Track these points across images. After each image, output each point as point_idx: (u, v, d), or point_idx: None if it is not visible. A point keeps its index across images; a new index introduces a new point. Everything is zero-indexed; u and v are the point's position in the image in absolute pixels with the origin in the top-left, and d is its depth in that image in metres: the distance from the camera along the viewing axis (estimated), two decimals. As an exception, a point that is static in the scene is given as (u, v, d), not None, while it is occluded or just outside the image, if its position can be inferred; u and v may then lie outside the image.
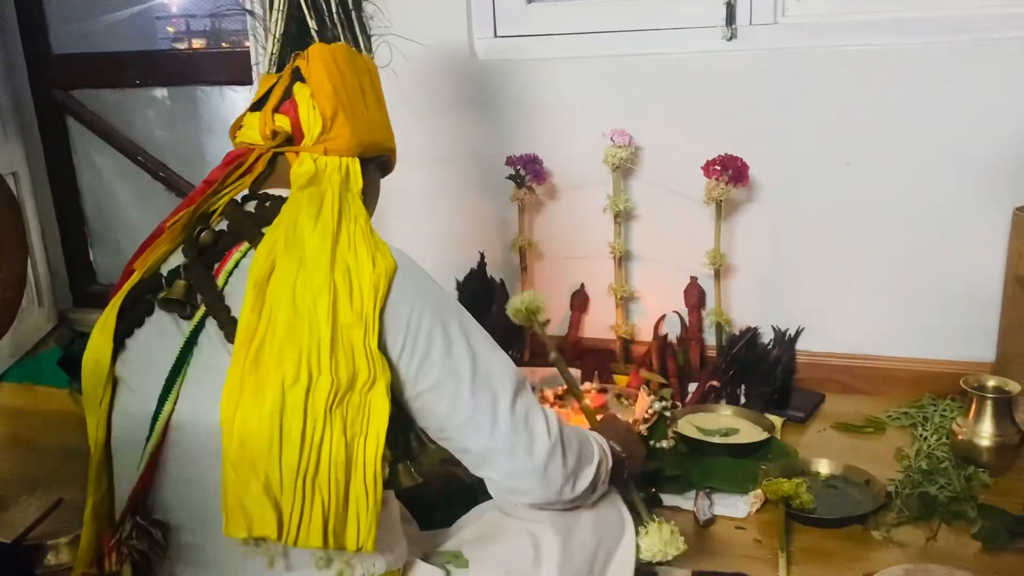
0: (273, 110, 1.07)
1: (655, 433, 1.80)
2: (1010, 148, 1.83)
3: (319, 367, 0.87)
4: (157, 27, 2.81)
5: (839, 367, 2.04)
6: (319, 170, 1.02)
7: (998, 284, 1.82)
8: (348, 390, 0.88)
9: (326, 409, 0.87)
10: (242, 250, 0.98)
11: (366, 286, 0.91)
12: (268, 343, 0.87)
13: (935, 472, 1.60)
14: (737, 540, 1.50)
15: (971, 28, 1.82)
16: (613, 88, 2.08)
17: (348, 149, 1.05)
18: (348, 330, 0.89)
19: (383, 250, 0.97)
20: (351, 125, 1.05)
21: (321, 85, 1.05)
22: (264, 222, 0.99)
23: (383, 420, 0.90)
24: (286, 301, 0.89)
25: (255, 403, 0.85)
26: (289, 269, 0.91)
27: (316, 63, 1.06)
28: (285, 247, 0.92)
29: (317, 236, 0.93)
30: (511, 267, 2.22)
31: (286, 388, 0.86)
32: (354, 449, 0.88)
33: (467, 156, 2.23)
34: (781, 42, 1.96)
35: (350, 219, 0.97)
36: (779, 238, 2.04)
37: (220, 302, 0.94)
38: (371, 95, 1.12)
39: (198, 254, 0.99)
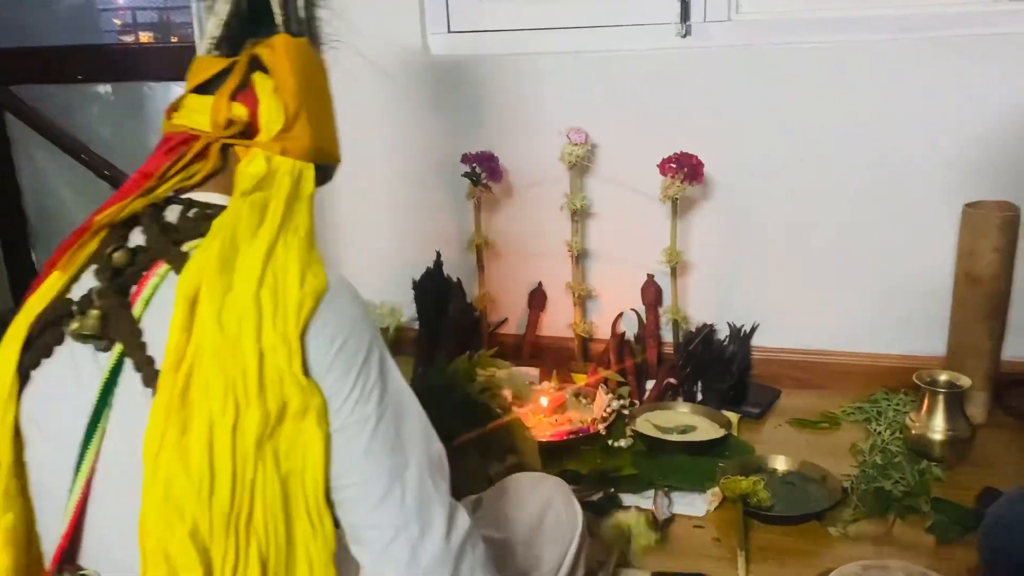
0: (230, 96, 0.96)
1: (613, 432, 1.80)
2: (960, 145, 1.86)
3: (247, 398, 0.78)
4: (102, 20, 2.73)
5: (794, 363, 2.06)
6: (271, 171, 0.93)
7: (948, 279, 1.85)
8: (279, 421, 0.80)
9: (256, 445, 0.78)
10: (160, 273, 0.87)
11: (291, 305, 0.82)
12: (196, 371, 0.79)
13: (889, 467, 1.62)
14: (696, 539, 1.50)
15: (923, 26, 1.84)
16: (569, 85, 2.07)
17: (305, 153, 0.96)
18: (273, 354, 0.80)
19: (316, 269, 0.87)
20: (312, 128, 0.97)
21: (286, 79, 0.96)
22: (184, 237, 0.89)
23: (319, 450, 0.81)
24: (213, 324, 0.80)
25: (182, 441, 0.77)
26: (218, 288, 0.82)
27: (282, 55, 0.97)
28: (218, 261, 0.83)
29: (252, 250, 0.85)
30: (468, 266, 2.20)
31: (214, 423, 0.77)
32: (291, 486, 0.80)
33: (422, 154, 2.20)
34: (735, 39, 1.96)
35: (291, 230, 0.89)
36: (734, 235, 2.05)
37: (136, 339, 0.83)
38: (328, 100, 1.05)
39: (112, 276, 0.88)
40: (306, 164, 0.96)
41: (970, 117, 1.84)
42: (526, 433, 1.65)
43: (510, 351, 2.21)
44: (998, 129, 1.83)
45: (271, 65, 0.96)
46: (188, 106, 0.98)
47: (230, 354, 0.79)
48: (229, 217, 0.87)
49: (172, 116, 0.99)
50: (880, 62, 1.87)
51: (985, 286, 1.76)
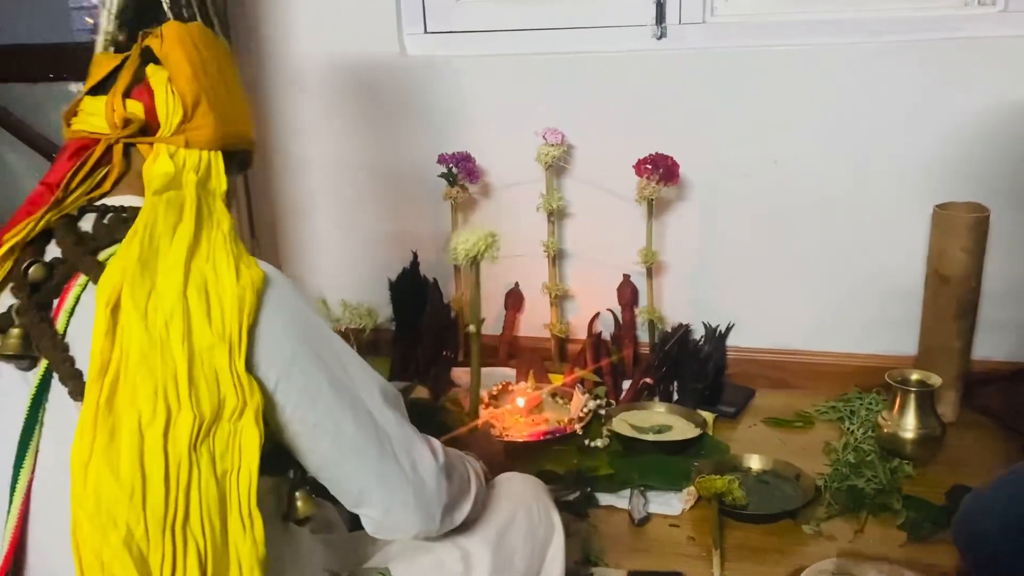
0: (123, 94, 0.93)
1: (590, 432, 1.81)
2: (931, 147, 1.88)
3: (178, 401, 0.77)
4: (73, 18, 2.70)
5: (769, 362, 2.07)
6: (177, 168, 0.90)
7: (920, 280, 1.87)
8: (214, 421, 0.79)
9: (190, 447, 0.77)
10: (80, 283, 0.85)
11: (228, 300, 0.81)
12: (123, 376, 0.77)
13: (862, 465, 1.64)
14: (672, 538, 1.51)
15: (894, 29, 1.87)
16: (545, 86, 2.07)
17: (211, 141, 0.94)
18: (208, 353, 0.79)
19: (247, 260, 0.86)
20: (215, 113, 0.94)
21: (180, 67, 0.93)
22: (100, 245, 0.88)
23: (255, 449, 0.80)
24: (138, 327, 0.78)
25: (111, 447, 0.75)
26: (141, 290, 0.79)
27: (172, 43, 0.94)
28: (138, 263, 0.81)
29: (173, 250, 0.83)
30: (444, 266, 2.19)
31: (143, 427, 0.76)
32: (226, 486, 0.79)
33: (398, 154, 2.20)
34: (710, 41, 1.98)
35: (212, 225, 0.87)
36: (709, 236, 2.06)
37: (62, 353, 0.82)
38: (231, 80, 1.00)
39: (31, 292, 0.86)
40: (214, 153, 0.95)
41: (940, 119, 1.87)
42: (490, 440, 1.64)
43: (487, 351, 2.21)
44: (968, 131, 1.86)
45: (162, 55, 0.94)
46: (85, 109, 0.96)
47: (158, 357, 0.78)
48: (146, 217, 0.85)
49: (71, 122, 0.97)
50: (852, 65, 1.89)
51: (955, 286, 1.78)
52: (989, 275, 1.84)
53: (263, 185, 2.23)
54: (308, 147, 2.22)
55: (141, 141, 0.93)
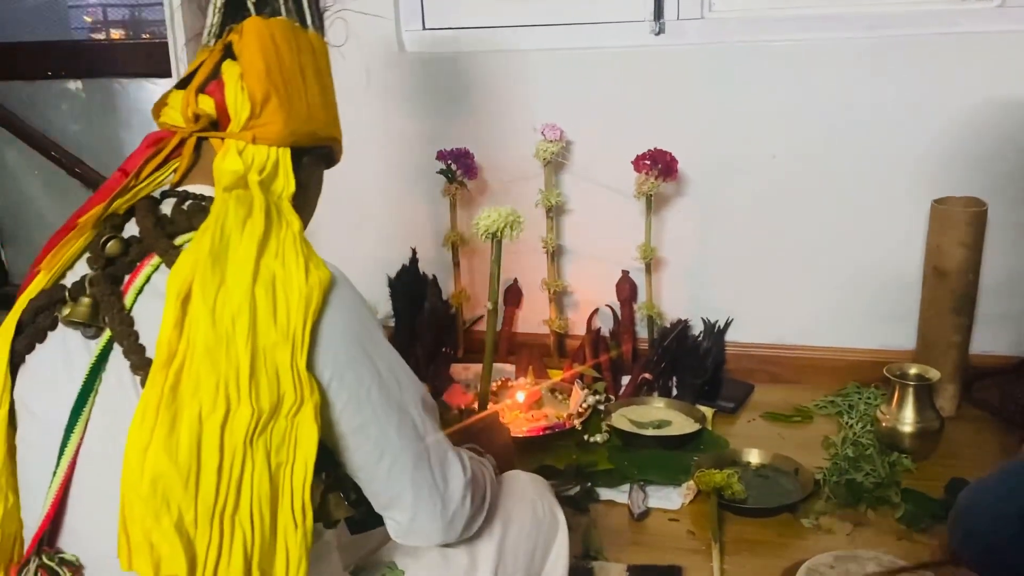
0: (197, 89, 0.95)
1: (589, 427, 1.81)
2: (929, 142, 1.89)
3: (238, 396, 0.79)
4: (72, 16, 2.70)
5: (767, 357, 2.08)
6: (246, 166, 0.92)
7: (918, 274, 1.88)
8: (272, 417, 0.81)
9: (246, 441, 0.79)
10: (153, 264, 0.88)
11: (294, 299, 0.83)
12: (187, 367, 0.79)
13: (860, 459, 1.64)
14: (671, 532, 1.51)
15: (891, 24, 1.87)
16: (543, 82, 2.07)
17: (279, 138, 0.94)
18: (271, 351, 0.81)
19: (316, 260, 0.87)
20: (284, 111, 0.94)
21: (253, 64, 0.93)
22: (178, 230, 0.90)
23: (312, 445, 0.82)
24: (206, 321, 0.80)
25: (171, 435, 0.77)
26: (211, 284, 0.81)
27: (250, 39, 0.94)
28: (209, 257, 0.82)
29: (243, 245, 0.84)
30: (443, 262, 2.20)
31: (203, 418, 0.78)
32: (280, 479, 0.81)
33: (397, 151, 2.20)
34: (708, 37, 1.98)
35: (281, 225, 0.88)
36: (708, 231, 2.07)
37: (127, 327, 0.84)
38: (312, 78, 0.99)
39: (105, 265, 0.89)
40: (282, 150, 0.95)
41: (938, 114, 1.87)
42: (501, 430, 1.65)
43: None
44: (965, 126, 1.86)
45: (238, 51, 0.94)
46: (170, 103, 0.97)
47: (223, 352, 0.79)
48: (217, 211, 0.86)
49: (159, 113, 0.99)
50: (849, 60, 1.90)
51: (953, 280, 1.79)
52: (987, 269, 1.85)
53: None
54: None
55: (213, 135, 0.95)
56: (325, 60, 1.03)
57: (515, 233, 1.57)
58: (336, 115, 1.05)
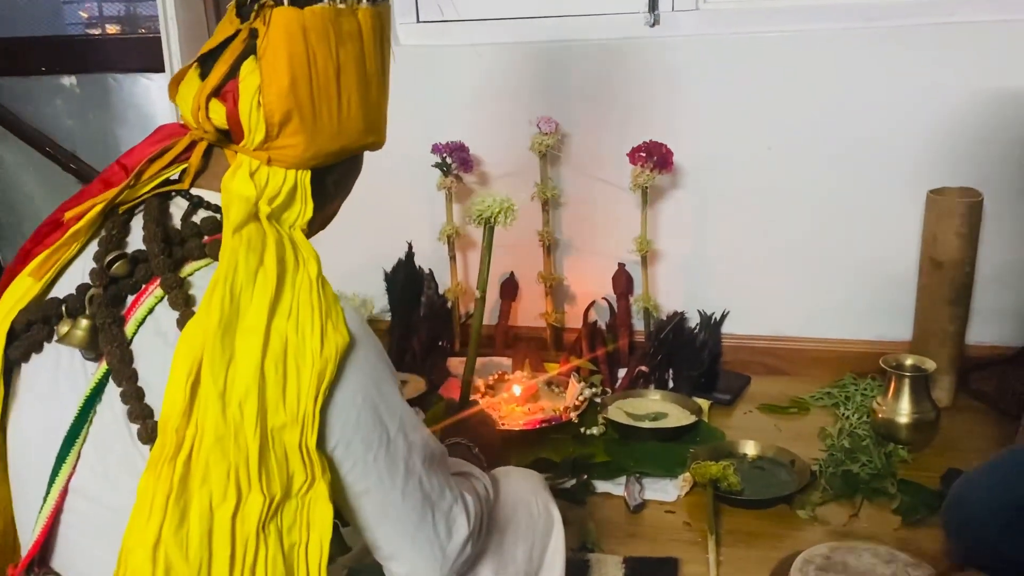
0: (211, 92, 0.82)
1: (586, 420, 1.81)
2: (924, 132, 1.88)
3: (248, 483, 0.74)
4: (66, 12, 2.69)
5: (764, 349, 2.08)
6: (258, 188, 0.82)
7: (914, 265, 1.87)
8: (283, 500, 0.76)
9: (258, 528, 0.75)
10: (157, 295, 0.80)
11: (306, 374, 0.76)
12: (195, 456, 0.74)
13: (857, 450, 1.65)
14: (667, 524, 1.51)
15: (887, 15, 1.86)
16: (538, 74, 2.07)
17: (298, 162, 0.83)
18: (280, 433, 0.76)
19: (335, 317, 0.79)
20: (307, 134, 0.82)
21: (275, 75, 0.80)
22: (188, 255, 0.82)
23: (327, 525, 0.78)
24: (215, 407, 0.74)
25: (181, 529, 0.73)
26: (220, 363, 0.74)
27: (277, 37, 0.80)
28: (219, 329, 0.75)
29: (254, 306, 0.76)
30: (440, 256, 2.19)
31: (214, 508, 0.74)
32: (294, 560, 0.78)
33: (392, 144, 2.15)
34: (703, 28, 1.97)
35: (297, 266, 0.79)
36: (703, 223, 2.07)
37: (127, 364, 0.78)
38: (352, 77, 0.85)
39: (108, 283, 0.81)
40: (302, 174, 0.85)
41: (934, 104, 1.87)
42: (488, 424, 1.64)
43: (483, 341, 2.21)
44: (962, 116, 1.85)
45: (261, 51, 0.81)
46: (184, 89, 0.86)
47: (232, 440, 0.74)
48: (226, 265, 0.77)
49: (176, 93, 0.87)
50: (845, 50, 1.89)
51: (949, 271, 1.79)
52: (983, 260, 1.85)
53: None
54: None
55: (227, 147, 0.85)
56: (376, 41, 0.88)
57: (509, 220, 1.54)
58: (380, 112, 0.93)
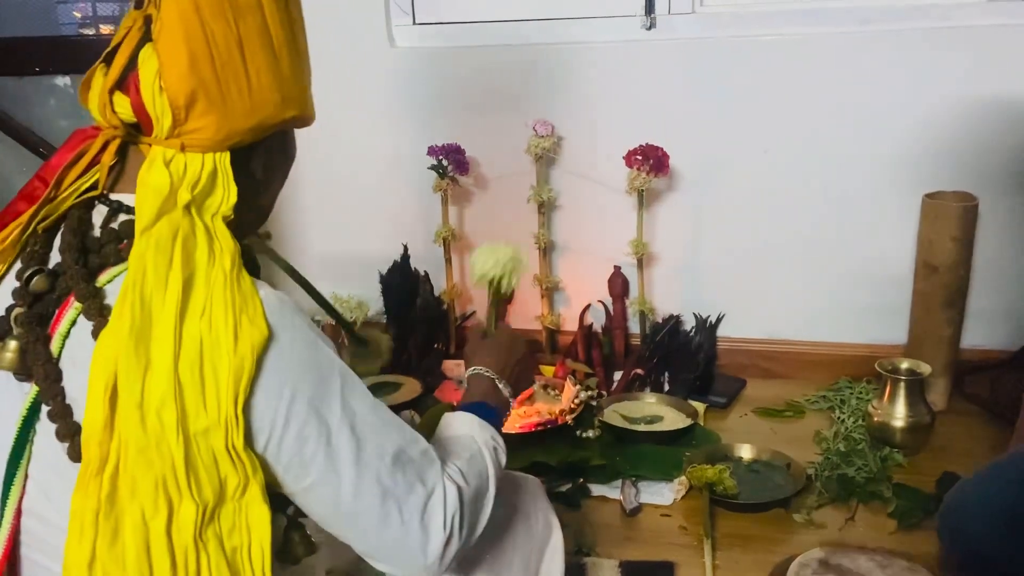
0: (112, 86, 0.79)
1: (582, 423, 1.80)
2: (920, 137, 1.89)
3: (179, 491, 0.72)
4: (60, 12, 2.68)
5: (759, 352, 2.08)
6: (174, 182, 0.77)
7: (909, 269, 1.88)
8: (218, 504, 0.74)
9: (195, 536, 0.73)
10: (77, 307, 0.78)
11: (223, 374, 0.73)
12: (122, 470, 0.72)
13: (852, 454, 1.65)
14: (663, 528, 1.51)
15: (883, 19, 1.87)
16: (535, 77, 2.07)
17: (214, 144, 0.79)
18: (204, 437, 0.73)
19: (251, 310, 0.75)
20: (218, 112, 0.78)
21: (173, 55, 0.76)
22: (105, 262, 0.80)
23: (265, 527, 0.76)
24: (134, 419, 0.72)
25: (114, 545, 0.72)
26: (135, 372, 0.72)
27: (170, 18, 0.76)
28: (131, 338, 0.72)
29: (166, 308, 0.73)
30: (435, 258, 2.19)
31: (147, 521, 0.72)
32: (238, 563, 0.76)
33: (388, 146, 2.19)
34: (699, 31, 1.98)
35: (211, 261, 0.76)
36: (699, 226, 2.07)
37: (54, 382, 0.76)
38: (257, 49, 0.80)
39: (32, 302, 0.79)
40: (220, 155, 0.80)
41: (929, 108, 1.87)
42: (516, 338, 1.48)
43: (478, 344, 2.21)
44: (956, 120, 1.86)
45: (155, 34, 0.77)
46: (93, 86, 0.82)
47: (155, 451, 0.72)
48: (134, 271, 0.75)
49: (86, 98, 0.83)
50: (841, 54, 1.89)
51: (944, 275, 1.79)
52: (978, 264, 1.85)
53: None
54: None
55: (140, 140, 0.81)
56: (280, 8, 0.83)
57: (515, 282, 1.37)
58: (298, 83, 0.87)
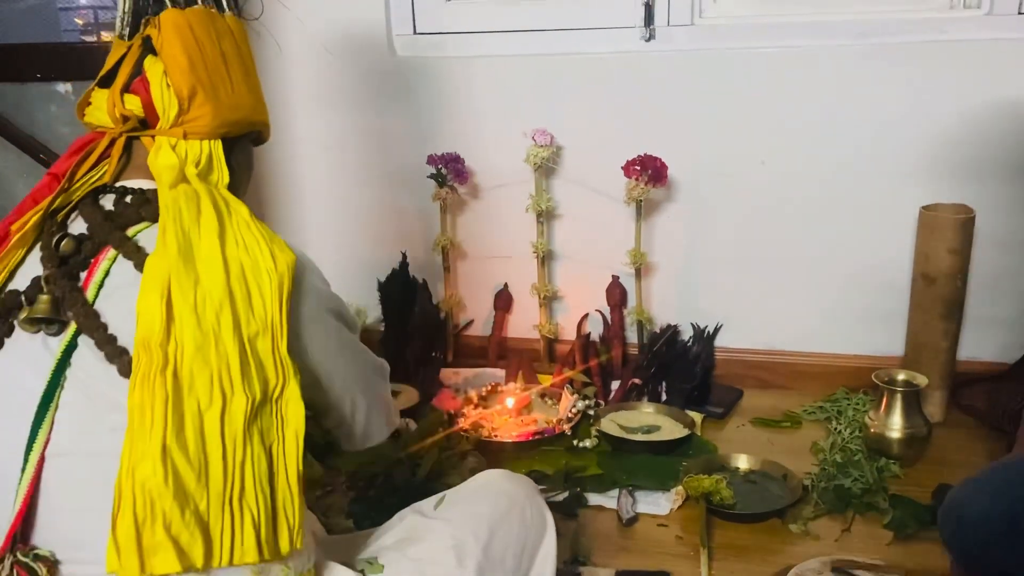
0: (122, 89, 0.95)
1: (579, 432, 1.81)
2: (917, 149, 1.90)
3: (231, 386, 0.83)
4: (62, 18, 2.69)
5: (756, 363, 2.08)
6: (180, 160, 0.94)
7: (906, 280, 1.88)
8: (261, 402, 0.85)
9: (244, 427, 0.84)
10: (110, 257, 0.90)
11: (267, 287, 0.87)
12: (180, 368, 0.82)
13: (849, 465, 1.65)
14: (660, 538, 1.51)
15: (880, 32, 1.88)
16: (534, 87, 2.08)
17: (210, 131, 0.96)
18: (254, 341, 0.86)
19: (279, 242, 0.91)
20: (212, 104, 0.96)
21: (175, 59, 0.94)
22: (128, 222, 0.92)
23: (299, 421, 0.88)
24: (191, 321, 0.83)
25: (181, 436, 0.81)
26: (187, 284, 0.84)
27: (169, 33, 0.94)
28: (179, 258, 0.85)
29: (204, 239, 0.87)
30: (434, 267, 2.20)
31: (202, 412, 0.82)
32: (275, 456, 0.86)
33: (388, 154, 2.20)
34: (698, 43, 1.99)
35: (230, 212, 0.91)
36: (697, 237, 2.07)
37: (95, 319, 0.86)
38: (235, 63, 1.00)
39: (59, 264, 0.90)
40: (214, 142, 0.97)
41: (926, 121, 1.88)
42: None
43: (476, 352, 2.22)
44: (953, 133, 1.87)
45: (158, 46, 0.95)
46: (94, 102, 0.98)
47: (212, 348, 0.83)
48: (171, 210, 0.88)
49: (84, 113, 0.99)
50: (839, 67, 1.90)
51: (941, 287, 1.79)
52: (975, 275, 1.85)
53: (251, 186, 2.23)
54: (296, 147, 2.21)
55: (143, 134, 0.96)
56: (246, 42, 1.04)
57: None
58: (261, 97, 1.06)
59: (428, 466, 1.59)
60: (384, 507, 1.32)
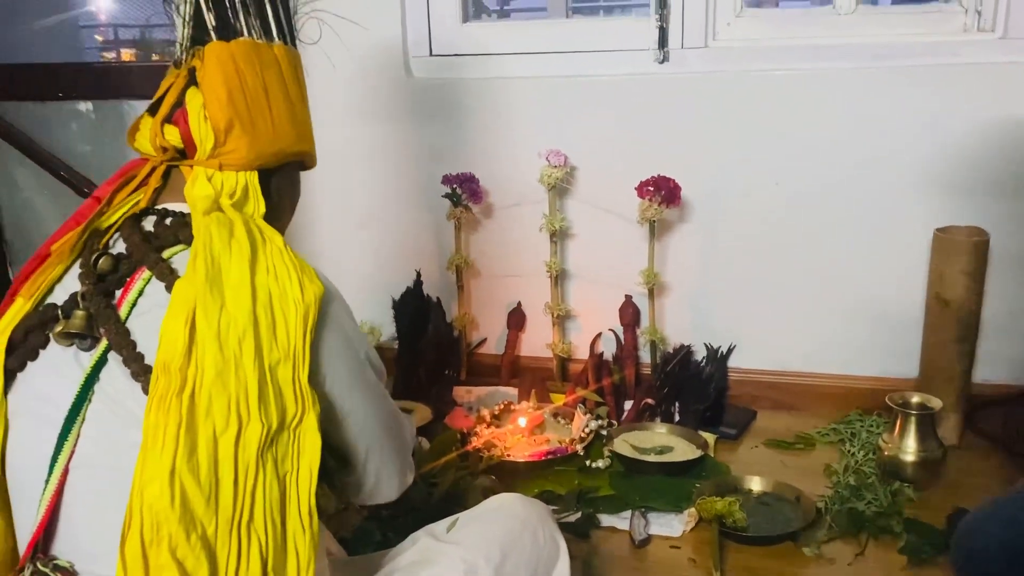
0: (164, 119, 0.97)
1: (591, 452, 1.81)
2: (931, 171, 1.90)
3: (248, 413, 0.84)
4: (83, 37, 2.73)
5: (770, 384, 2.08)
6: (216, 192, 0.95)
7: (920, 303, 1.88)
8: (278, 430, 0.85)
9: (258, 454, 0.84)
10: (144, 277, 0.91)
11: (292, 317, 0.88)
12: (198, 391, 0.83)
13: (862, 488, 1.64)
14: (672, 559, 1.51)
15: (895, 55, 1.88)
16: (548, 108, 2.09)
17: (245, 164, 0.97)
18: (275, 369, 0.86)
19: (309, 273, 0.92)
20: (248, 137, 0.97)
21: (214, 92, 0.95)
22: (165, 244, 0.94)
23: (315, 453, 0.87)
24: (213, 346, 0.84)
25: (192, 458, 0.82)
26: (213, 309, 0.85)
27: (211, 65, 0.96)
28: (206, 283, 0.86)
29: (235, 266, 0.88)
30: (448, 285, 2.21)
31: (217, 436, 0.83)
32: (287, 486, 0.86)
33: (403, 174, 2.22)
34: (711, 66, 2.00)
35: (264, 240, 0.92)
36: (711, 257, 2.08)
37: (125, 337, 0.87)
38: (278, 95, 1.00)
39: (97, 281, 0.92)
40: (250, 174, 0.98)
41: (940, 144, 1.88)
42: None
43: (489, 371, 2.22)
44: (968, 155, 1.87)
45: (200, 79, 0.96)
46: (141, 129, 1.00)
47: (232, 374, 0.84)
48: (202, 237, 0.89)
49: (134, 138, 1.01)
50: (853, 89, 1.91)
51: (956, 309, 1.79)
52: (990, 298, 1.85)
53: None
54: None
55: (182, 164, 0.98)
56: (293, 71, 1.04)
57: None
58: (307, 127, 1.07)
59: (444, 487, 1.59)
60: (398, 526, 1.33)
